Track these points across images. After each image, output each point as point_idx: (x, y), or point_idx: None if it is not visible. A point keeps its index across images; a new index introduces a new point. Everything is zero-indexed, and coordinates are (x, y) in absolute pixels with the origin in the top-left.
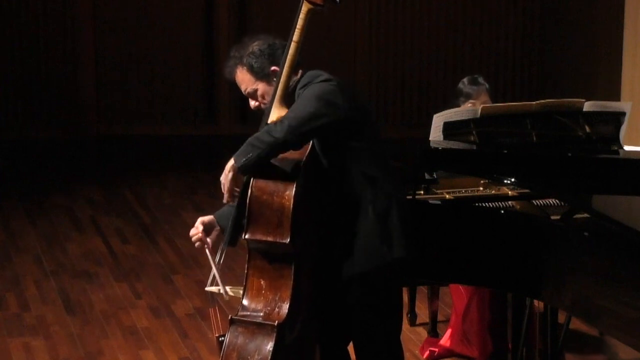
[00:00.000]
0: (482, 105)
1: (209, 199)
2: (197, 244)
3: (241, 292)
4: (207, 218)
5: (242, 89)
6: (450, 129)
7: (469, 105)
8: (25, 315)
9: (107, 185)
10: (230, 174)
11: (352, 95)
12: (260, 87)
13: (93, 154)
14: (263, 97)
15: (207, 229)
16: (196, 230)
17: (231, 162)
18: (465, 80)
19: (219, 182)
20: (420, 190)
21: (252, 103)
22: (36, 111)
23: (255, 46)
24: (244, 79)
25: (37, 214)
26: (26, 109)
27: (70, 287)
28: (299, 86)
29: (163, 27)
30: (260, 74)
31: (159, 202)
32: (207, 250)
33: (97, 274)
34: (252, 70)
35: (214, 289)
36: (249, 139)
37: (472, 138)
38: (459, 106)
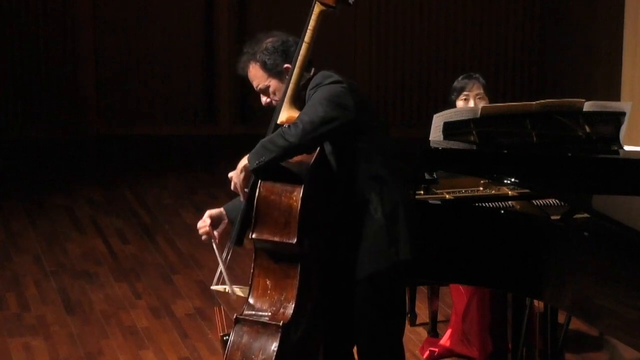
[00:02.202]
0: (482, 105)
1: (209, 199)
2: (203, 237)
3: (247, 291)
4: (215, 211)
5: (254, 85)
6: (450, 129)
7: (463, 98)
8: (25, 315)
9: (107, 185)
10: (242, 174)
11: (361, 97)
12: (273, 83)
13: (93, 154)
14: (275, 93)
15: (215, 222)
16: (203, 223)
17: (244, 162)
18: (459, 77)
19: (219, 182)
20: (420, 190)
21: (264, 99)
22: (36, 111)
23: (268, 42)
24: (257, 75)
25: (37, 214)
26: (26, 109)
27: (70, 287)
28: (309, 86)
29: (163, 27)
30: (273, 71)
31: (159, 202)
32: (213, 245)
33: (97, 274)
34: (265, 66)
35: (220, 287)
36: (262, 140)
37: (472, 138)
38: (453, 102)
